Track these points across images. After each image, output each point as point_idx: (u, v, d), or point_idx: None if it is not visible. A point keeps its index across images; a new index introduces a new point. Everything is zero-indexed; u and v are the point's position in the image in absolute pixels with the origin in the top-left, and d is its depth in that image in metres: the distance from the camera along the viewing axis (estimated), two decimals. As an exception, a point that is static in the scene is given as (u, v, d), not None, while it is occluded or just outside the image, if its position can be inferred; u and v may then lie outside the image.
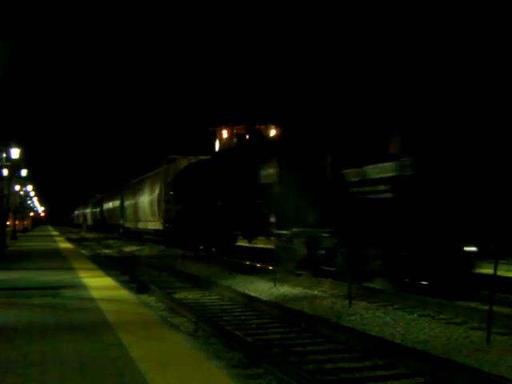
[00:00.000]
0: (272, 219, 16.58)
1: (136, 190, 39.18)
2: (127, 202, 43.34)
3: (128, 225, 43.87)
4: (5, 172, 31.36)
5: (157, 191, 31.29)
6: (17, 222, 46.85)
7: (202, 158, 28.77)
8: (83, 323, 7.61)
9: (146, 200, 34.52)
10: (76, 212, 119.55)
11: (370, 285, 12.37)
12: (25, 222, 66.85)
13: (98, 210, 66.55)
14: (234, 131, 30.69)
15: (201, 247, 24.95)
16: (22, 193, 54.25)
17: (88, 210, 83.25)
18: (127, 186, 46.24)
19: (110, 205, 55.87)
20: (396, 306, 10.93)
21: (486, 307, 8.67)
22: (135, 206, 38.92)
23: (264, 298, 11.97)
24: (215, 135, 33.15)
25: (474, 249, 10.84)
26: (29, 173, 43.21)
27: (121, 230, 50.34)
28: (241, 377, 6.19)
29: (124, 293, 10.93)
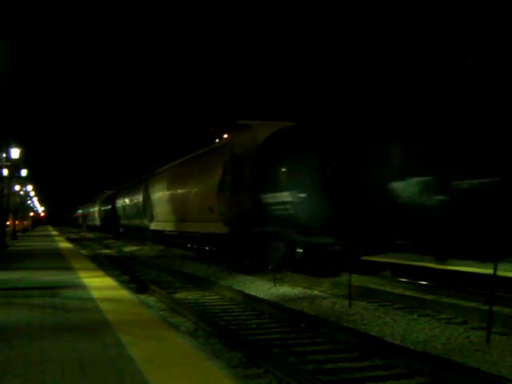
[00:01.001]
0: None
1: (173, 178, 27.83)
2: (156, 196, 31.28)
3: (157, 226, 31.67)
4: (5, 172, 31.33)
5: (215, 176, 20.33)
6: (17, 222, 46.85)
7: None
8: (83, 323, 7.60)
9: (194, 190, 23.27)
10: (79, 211, 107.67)
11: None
12: (25, 222, 66.87)
13: (108, 207, 54.88)
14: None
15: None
16: (22, 193, 54.22)
17: (94, 209, 70.93)
18: (156, 174, 33.90)
19: (126, 201, 43.00)
20: (396, 306, 10.93)
21: (486, 307, 8.66)
22: (172, 200, 27.37)
23: (264, 298, 11.97)
24: (215, 135, 33.08)
25: None
26: (29, 173, 43.15)
27: (121, 229, 48.27)
28: (241, 377, 6.19)
29: (124, 293, 10.92)
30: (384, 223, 11.78)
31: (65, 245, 32.12)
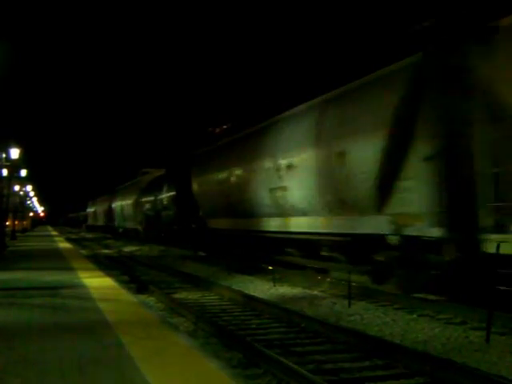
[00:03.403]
0: None
1: None
2: None
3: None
4: (4, 172, 31.33)
5: None
6: (16, 222, 46.80)
7: None
8: (83, 323, 7.60)
9: None
10: (90, 208, 77.37)
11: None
12: (24, 222, 66.76)
13: (162, 196, 31.82)
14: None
15: None
16: (21, 193, 54.18)
17: (126, 201, 43.93)
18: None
19: (233, 180, 19.48)
20: (396, 306, 10.93)
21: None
22: None
23: (264, 298, 11.97)
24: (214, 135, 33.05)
25: None
26: (28, 173, 43.17)
27: (120, 229, 47.70)
28: (240, 377, 6.18)
29: (123, 293, 10.92)
30: None
31: (64, 245, 32.10)
